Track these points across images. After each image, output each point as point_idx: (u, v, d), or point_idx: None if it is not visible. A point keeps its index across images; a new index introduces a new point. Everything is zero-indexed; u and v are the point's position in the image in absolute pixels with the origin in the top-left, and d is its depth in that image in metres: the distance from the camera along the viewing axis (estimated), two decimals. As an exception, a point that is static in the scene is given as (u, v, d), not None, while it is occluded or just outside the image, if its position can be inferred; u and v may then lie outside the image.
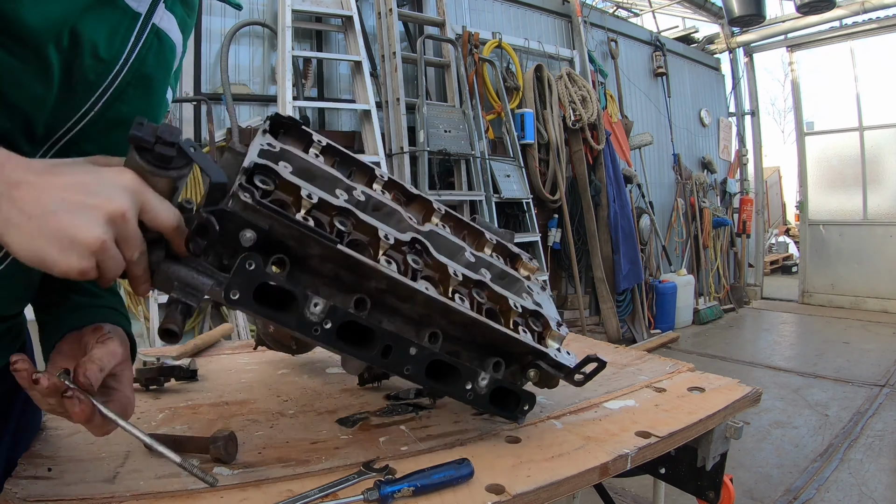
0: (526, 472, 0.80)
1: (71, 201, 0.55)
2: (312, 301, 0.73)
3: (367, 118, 4.02)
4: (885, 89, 7.43)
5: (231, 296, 0.68)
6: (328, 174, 0.84)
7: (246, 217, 0.69)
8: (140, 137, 0.59)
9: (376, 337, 0.79)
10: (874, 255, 7.73)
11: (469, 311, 0.84)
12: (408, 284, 0.78)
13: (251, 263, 0.68)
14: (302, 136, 0.91)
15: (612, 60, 6.81)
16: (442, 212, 1.01)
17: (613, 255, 5.93)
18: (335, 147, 0.94)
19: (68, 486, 0.74)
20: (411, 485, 0.69)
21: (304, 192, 0.75)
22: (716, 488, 1.16)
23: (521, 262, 1.12)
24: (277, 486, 0.74)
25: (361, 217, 0.80)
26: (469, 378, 0.88)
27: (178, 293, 0.67)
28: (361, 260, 0.75)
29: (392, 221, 0.89)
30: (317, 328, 0.74)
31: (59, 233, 0.54)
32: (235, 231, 0.69)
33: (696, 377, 1.32)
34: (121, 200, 0.57)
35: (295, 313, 0.73)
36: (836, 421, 3.94)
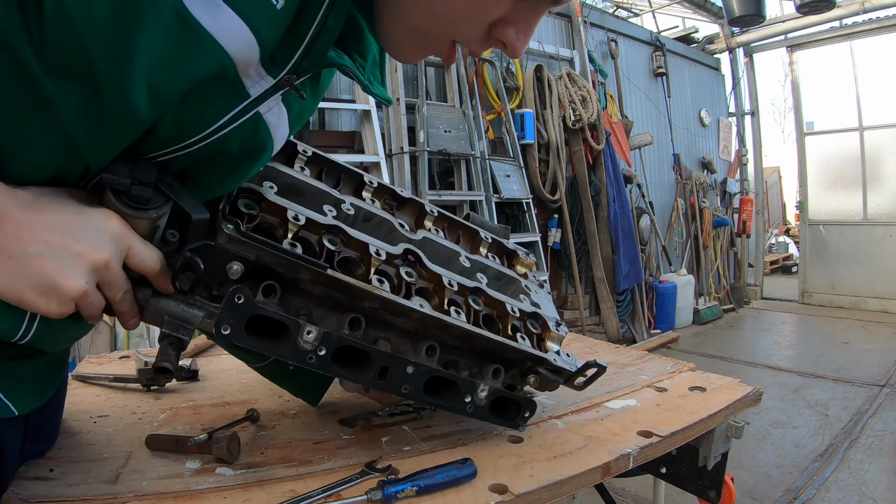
0: (528, 471, 0.80)
1: (55, 245, 0.54)
2: (305, 329, 0.71)
3: (367, 118, 4.02)
4: (885, 89, 7.42)
5: (223, 331, 0.67)
6: (315, 188, 0.83)
7: (231, 249, 0.67)
8: (114, 180, 0.58)
9: (372, 359, 0.77)
10: (874, 255, 7.73)
11: (465, 324, 0.83)
12: (401, 303, 0.77)
13: (240, 297, 0.66)
14: (286, 147, 0.88)
15: (612, 60, 6.80)
16: (434, 214, 1.00)
17: (613, 255, 5.92)
18: (321, 156, 0.92)
19: (70, 486, 0.74)
20: (415, 485, 0.69)
21: (291, 214, 0.73)
22: (717, 488, 1.17)
23: (517, 259, 1.12)
24: (280, 486, 0.75)
25: (351, 234, 0.78)
26: (468, 391, 0.87)
27: (168, 328, 0.66)
28: (352, 284, 0.73)
29: (383, 231, 0.88)
30: (311, 356, 0.72)
31: (41, 277, 0.53)
32: (222, 264, 0.67)
33: (697, 377, 1.33)
34: (105, 250, 0.56)
35: (288, 342, 0.71)
36: (836, 421, 3.94)
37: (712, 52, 8.76)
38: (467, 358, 0.91)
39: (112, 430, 0.94)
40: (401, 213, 0.99)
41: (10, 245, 0.52)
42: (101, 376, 1.21)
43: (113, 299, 0.61)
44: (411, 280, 0.82)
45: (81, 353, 3.36)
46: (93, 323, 0.66)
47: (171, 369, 0.65)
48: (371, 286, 0.75)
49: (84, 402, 1.09)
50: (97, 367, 1.32)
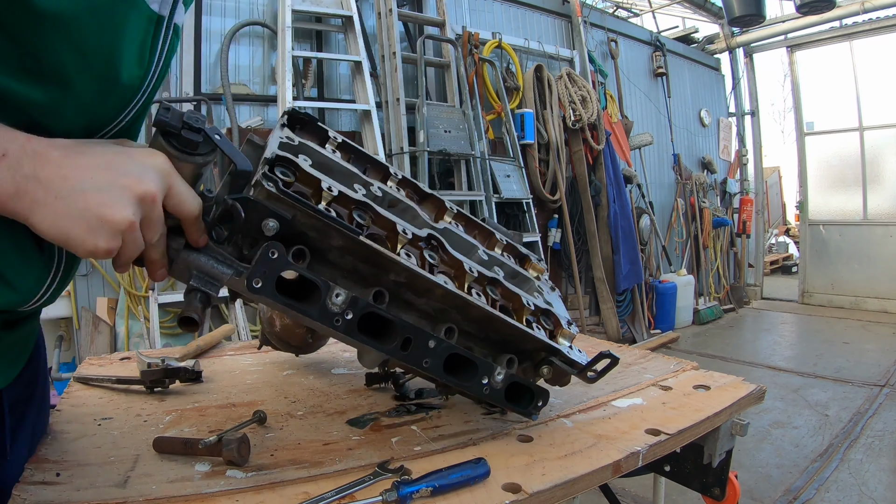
0: (540, 470, 0.80)
1: (100, 180, 0.54)
2: (335, 291, 0.72)
3: (367, 118, 4.01)
4: (885, 89, 7.44)
5: (254, 284, 0.68)
6: (345, 169, 0.85)
7: (269, 206, 0.68)
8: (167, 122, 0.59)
9: (396, 329, 0.79)
10: (874, 255, 7.74)
11: (486, 305, 0.85)
12: (427, 277, 0.79)
13: (274, 252, 0.68)
14: (318, 132, 0.92)
15: (612, 60, 6.81)
16: (454, 211, 1.02)
17: (613, 255, 5.93)
18: (350, 144, 0.95)
19: (78, 491, 0.73)
20: (429, 485, 0.69)
21: (325, 185, 0.75)
22: (721, 485, 1.17)
23: (529, 263, 1.13)
24: (293, 489, 0.74)
25: (380, 211, 0.80)
26: (486, 372, 0.88)
27: (196, 282, 0.67)
28: (383, 252, 0.75)
29: (408, 217, 0.90)
30: (338, 318, 0.74)
31: (88, 212, 0.53)
32: (258, 220, 0.68)
33: (701, 375, 1.33)
34: (151, 181, 0.57)
35: (316, 303, 0.72)
36: (836, 421, 3.94)
37: (712, 52, 8.77)
38: (482, 346, 0.92)
39: (118, 433, 0.94)
40: (422, 207, 1.00)
41: (56, 185, 0.52)
42: (104, 378, 1.20)
43: (150, 241, 0.60)
44: (434, 262, 0.84)
45: (82, 355, 3.35)
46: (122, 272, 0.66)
47: (197, 320, 0.66)
48: (399, 258, 0.77)
49: (87, 404, 1.09)
50: (98, 369, 1.31)
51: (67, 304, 3.53)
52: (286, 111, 0.89)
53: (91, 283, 3.60)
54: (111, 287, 3.60)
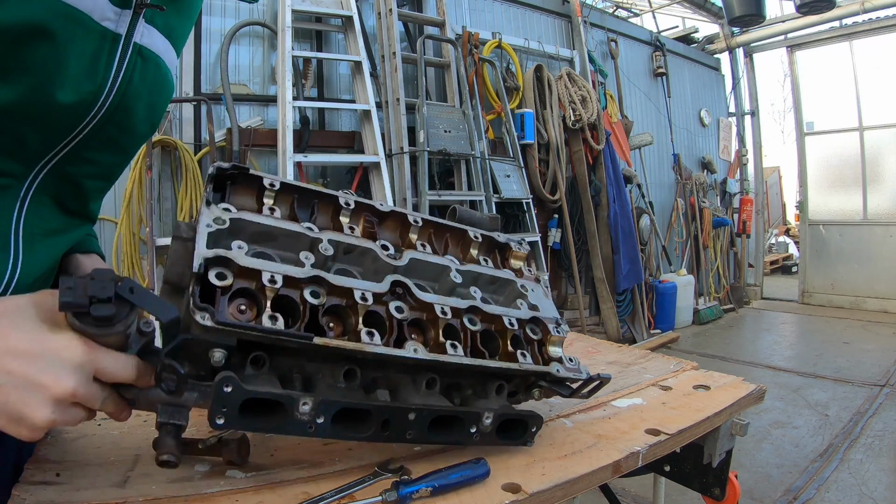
0: (540, 470, 0.81)
1: (17, 376, 0.54)
2: (300, 402, 0.69)
3: (367, 118, 4.01)
4: (885, 89, 7.44)
5: (217, 421, 0.65)
6: (288, 231, 0.80)
7: (210, 338, 0.65)
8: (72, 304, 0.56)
9: (373, 414, 0.76)
10: (874, 255, 7.75)
11: (462, 359, 0.81)
12: (394, 355, 0.75)
13: (228, 385, 0.65)
14: (252, 182, 0.84)
15: (612, 60, 6.81)
16: (419, 224, 0.96)
17: (613, 255, 5.93)
18: (291, 184, 0.88)
19: (78, 491, 0.73)
20: (429, 485, 0.69)
21: (266, 277, 0.71)
22: (721, 485, 1.17)
23: (511, 252, 1.08)
24: (293, 489, 0.74)
25: (333, 282, 0.76)
26: (473, 422, 0.84)
27: (164, 416, 0.65)
28: (341, 347, 0.72)
29: (367, 261, 0.86)
30: (310, 425, 0.71)
31: (7, 406, 0.53)
32: (203, 352, 0.66)
33: (701, 375, 1.33)
34: (68, 380, 0.56)
35: (286, 417, 0.70)
36: (836, 421, 3.95)
37: (712, 52, 8.77)
38: (469, 378, 0.89)
39: (117, 433, 0.94)
40: (383, 230, 0.95)
41: None
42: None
43: (93, 408, 0.61)
44: (402, 316, 0.79)
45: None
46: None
47: (174, 462, 0.64)
48: (360, 344, 0.73)
49: (89, 403, 1.09)
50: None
51: (67, 304, 3.53)
52: (210, 174, 0.81)
53: (91, 283, 3.60)
54: (111, 287, 3.60)
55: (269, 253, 0.79)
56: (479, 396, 0.89)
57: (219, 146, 3.78)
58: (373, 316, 0.79)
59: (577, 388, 0.91)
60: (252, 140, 3.85)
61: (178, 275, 0.73)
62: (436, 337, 0.82)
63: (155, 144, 3.59)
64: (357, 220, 0.91)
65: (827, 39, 7.86)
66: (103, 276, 0.58)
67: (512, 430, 0.91)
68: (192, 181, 3.68)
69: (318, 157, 3.93)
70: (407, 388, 0.82)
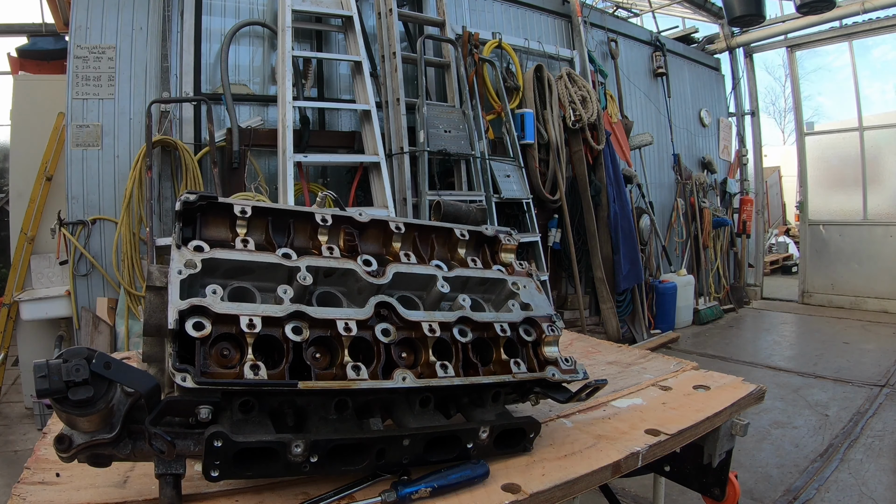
0: (540, 470, 0.80)
1: None
2: (293, 445, 0.69)
3: (367, 118, 4.01)
4: (885, 89, 7.44)
5: (211, 474, 0.65)
6: (265, 263, 0.78)
7: (193, 398, 0.65)
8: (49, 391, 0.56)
9: (367, 446, 0.75)
10: (874, 255, 7.74)
11: (453, 379, 0.80)
12: (382, 388, 0.74)
13: (218, 440, 0.65)
14: (223, 210, 0.83)
15: (612, 60, 6.81)
16: (401, 230, 0.94)
17: (613, 256, 5.92)
18: (263, 207, 0.86)
19: (78, 490, 0.74)
20: (429, 485, 0.69)
21: (244, 322, 0.70)
22: (721, 485, 1.17)
23: (500, 245, 1.06)
24: (293, 489, 0.74)
25: (314, 315, 0.75)
26: (469, 437, 0.83)
27: (161, 468, 0.65)
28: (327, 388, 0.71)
29: (350, 281, 0.84)
30: (304, 465, 0.71)
31: None
32: (190, 409, 0.66)
33: (701, 375, 1.33)
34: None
35: (280, 461, 0.69)
36: (836, 421, 3.94)
37: (712, 52, 8.77)
38: (465, 391, 0.88)
39: (118, 432, 0.93)
40: (365, 241, 0.93)
41: None
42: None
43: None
44: (389, 339, 0.78)
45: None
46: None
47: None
48: (346, 382, 0.72)
49: (89, 402, 1.08)
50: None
51: (67, 304, 3.54)
52: (177, 211, 0.79)
53: (91, 283, 3.60)
54: (111, 287, 3.60)
55: (247, 287, 0.77)
56: (476, 405, 0.88)
57: (219, 146, 3.78)
58: (359, 343, 0.77)
59: (572, 396, 0.90)
60: (252, 140, 3.85)
61: (156, 326, 0.73)
62: (426, 357, 0.81)
63: (155, 144, 3.59)
64: (336, 236, 0.89)
65: (827, 39, 7.85)
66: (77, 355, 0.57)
67: (510, 438, 0.90)
68: (192, 181, 3.68)
69: (318, 157, 3.93)
70: (401, 408, 0.81)
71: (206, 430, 0.65)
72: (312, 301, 0.81)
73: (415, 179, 4.26)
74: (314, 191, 3.97)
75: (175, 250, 0.74)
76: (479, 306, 0.95)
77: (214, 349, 0.69)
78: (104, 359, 0.59)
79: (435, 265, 0.93)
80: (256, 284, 0.78)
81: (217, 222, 0.81)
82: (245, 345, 0.69)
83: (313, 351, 0.75)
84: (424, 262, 0.94)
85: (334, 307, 0.80)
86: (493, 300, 0.99)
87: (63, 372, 0.56)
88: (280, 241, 0.84)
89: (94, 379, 0.58)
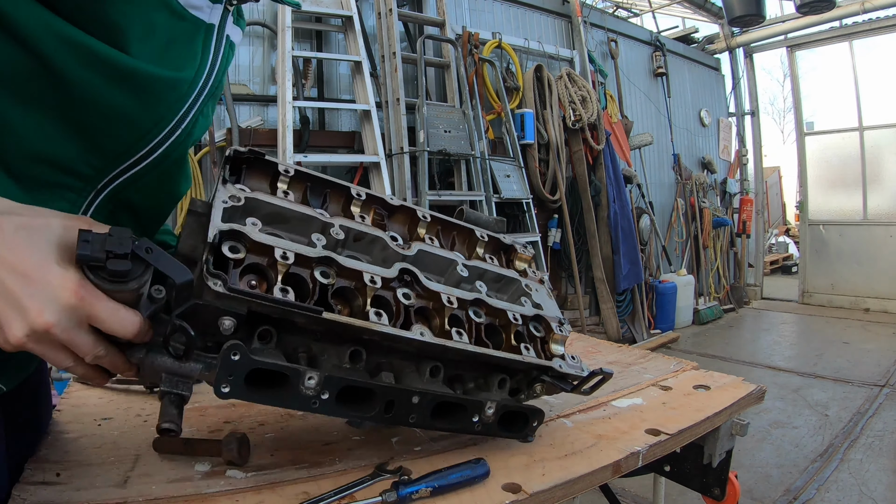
0: (540, 470, 0.81)
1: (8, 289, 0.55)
2: (306, 376, 0.69)
3: (367, 118, 4.01)
4: (885, 89, 7.44)
5: (222, 389, 0.65)
6: (301, 214, 0.80)
7: (221, 306, 0.65)
8: (89, 257, 0.56)
9: (377, 395, 0.76)
10: (874, 255, 7.75)
11: (467, 346, 0.81)
12: (401, 336, 0.75)
13: (236, 353, 0.65)
14: (267, 168, 0.85)
15: (612, 60, 6.81)
16: (427, 219, 0.97)
17: (613, 255, 5.93)
18: (304, 172, 0.89)
19: (78, 491, 0.73)
20: (429, 485, 0.69)
21: (279, 253, 0.71)
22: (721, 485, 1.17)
23: (515, 254, 1.09)
24: (293, 489, 0.74)
25: (343, 263, 0.76)
26: (475, 411, 0.84)
27: (167, 385, 0.65)
28: (351, 323, 0.72)
29: (376, 249, 0.86)
30: (314, 401, 0.71)
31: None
32: (213, 320, 0.66)
33: (701, 375, 1.33)
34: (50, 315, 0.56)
35: (291, 391, 0.69)
36: (836, 421, 3.94)
37: (712, 52, 8.77)
38: (472, 370, 0.89)
39: (118, 433, 0.94)
40: (392, 223, 0.96)
41: None
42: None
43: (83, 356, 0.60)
44: (409, 302, 0.80)
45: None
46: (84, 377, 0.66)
47: (175, 430, 0.64)
48: (368, 322, 0.73)
49: (87, 404, 1.09)
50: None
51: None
52: (226, 156, 0.82)
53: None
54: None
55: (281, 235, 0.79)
56: (482, 389, 0.90)
57: (219, 146, 3.78)
58: (380, 300, 0.79)
59: (580, 383, 0.91)
60: (252, 140, 3.85)
61: (191, 247, 0.73)
62: (441, 325, 0.83)
63: (155, 144, 3.59)
64: (367, 211, 0.92)
65: (827, 39, 7.86)
66: (122, 233, 0.58)
67: (513, 423, 0.92)
68: (193, 181, 3.69)
69: (318, 157, 3.93)
70: (411, 376, 0.82)
71: (226, 343, 0.65)
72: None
73: (415, 179, 4.26)
74: (314, 191, 3.97)
75: (221, 185, 0.77)
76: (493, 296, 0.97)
77: (243, 279, 0.71)
78: (147, 244, 0.60)
79: (455, 254, 0.96)
80: (290, 236, 0.80)
81: (260, 177, 0.85)
82: (275, 274, 0.71)
83: (335, 302, 0.77)
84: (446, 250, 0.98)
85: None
86: (507, 298, 1.01)
87: (106, 242, 0.57)
88: (315, 205, 0.88)
89: (133, 258, 0.59)
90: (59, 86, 0.61)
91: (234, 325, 0.66)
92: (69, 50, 0.60)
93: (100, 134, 0.66)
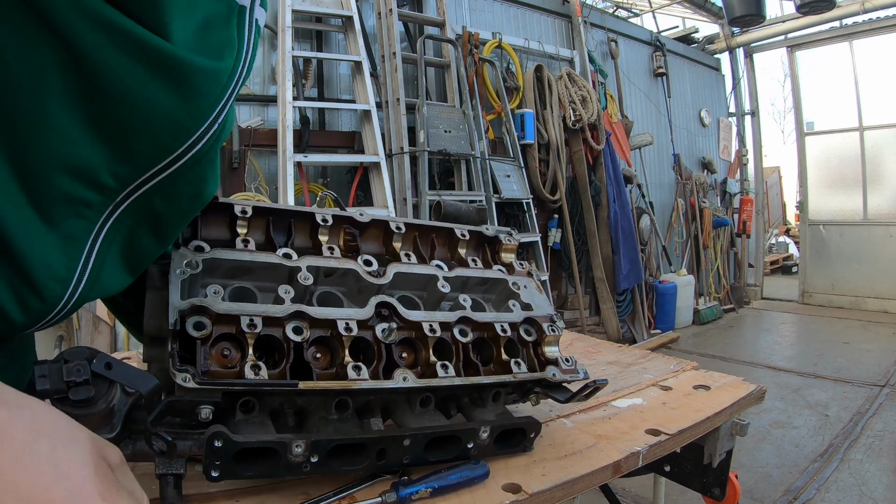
0: (540, 470, 0.81)
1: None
2: (293, 445, 0.69)
3: (367, 118, 4.01)
4: (885, 89, 7.44)
5: (212, 474, 0.66)
6: (265, 263, 0.78)
7: (194, 398, 0.65)
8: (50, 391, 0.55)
9: (367, 446, 0.75)
10: (874, 255, 7.74)
11: (454, 379, 0.80)
12: (383, 388, 0.74)
13: (219, 440, 0.65)
14: (223, 210, 0.82)
15: (612, 60, 6.81)
16: (402, 231, 0.94)
17: (613, 256, 5.93)
18: (263, 207, 0.86)
19: (79, 489, 0.74)
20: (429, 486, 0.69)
21: (245, 322, 0.69)
22: (721, 485, 1.17)
23: (500, 246, 1.06)
24: (293, 489, 0.74)
25: (314, 315, 0.74)
26: (470, 438, 0.83)
27: (162, 468, 0.65)
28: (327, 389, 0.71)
29: (350, 283, 0.84)
30: (305, 465, 0.70)
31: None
32: (191, 409, 0.66)
33: (701, 375, 1.33)
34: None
35: (280, 461, 0.69)
36: (836, 421, 3.94)
37: (712, 52, 8.77)
38: (464, 390, 0.88)
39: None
40: (365, 241, 0.93)
41: None
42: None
43: None
44: (389, 340, 0.78)
45: (82, 354, 3.34)
46: None
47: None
48: (347, 382, 0.71)
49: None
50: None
51: (67, 304, 3.53)
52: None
53: (91, 282, 3.60)
54: (111, 287, 3.60)
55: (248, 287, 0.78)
56: (476, 405, 0.88)
57: (219, 146, 3.78)
58: (359, 342, 0.77)
59: (572, 396, 0.90)
60: (252, 140, 3.85)
61: (156, 327, 0.72)
62: (426, 357, 0.81)
63: (155, 144, 3.59)
64: (336, 235, 0.89)
65: (827, 39, 7.85)
66: (77, 355, 0.57)
67: (510, 438, 0.90)
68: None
69: (318, 157, 3.93)
70: (402, 408, 0.81)
71: (207, 430, 0.65)
72: (313, 301, 0.81)
73: (415, 179, 4.26)
74: (314, 191, 3.97)
75: (175, 251, 0.74)
76: (479, 306, 0.94)
77: (215, 349, 0.69)
78: (105, 359, 0.59)
79: (435, 265, 0.93)
80: (257, 284, 0.78)
81: (217, 222, 0.81)
82: (246, 345, 0.69)
83: (314, 351, 0.75)
84: (425, 262, 0.94)
85: (335, 307, 0.80)
86: (494, 300, 0.99)
87: (64, 372, 0.56)
88: (280, 241, 0.84)
89: (94, 379, 0.58)
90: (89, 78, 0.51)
91: (211, 413, 0.66)
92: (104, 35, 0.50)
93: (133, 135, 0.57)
